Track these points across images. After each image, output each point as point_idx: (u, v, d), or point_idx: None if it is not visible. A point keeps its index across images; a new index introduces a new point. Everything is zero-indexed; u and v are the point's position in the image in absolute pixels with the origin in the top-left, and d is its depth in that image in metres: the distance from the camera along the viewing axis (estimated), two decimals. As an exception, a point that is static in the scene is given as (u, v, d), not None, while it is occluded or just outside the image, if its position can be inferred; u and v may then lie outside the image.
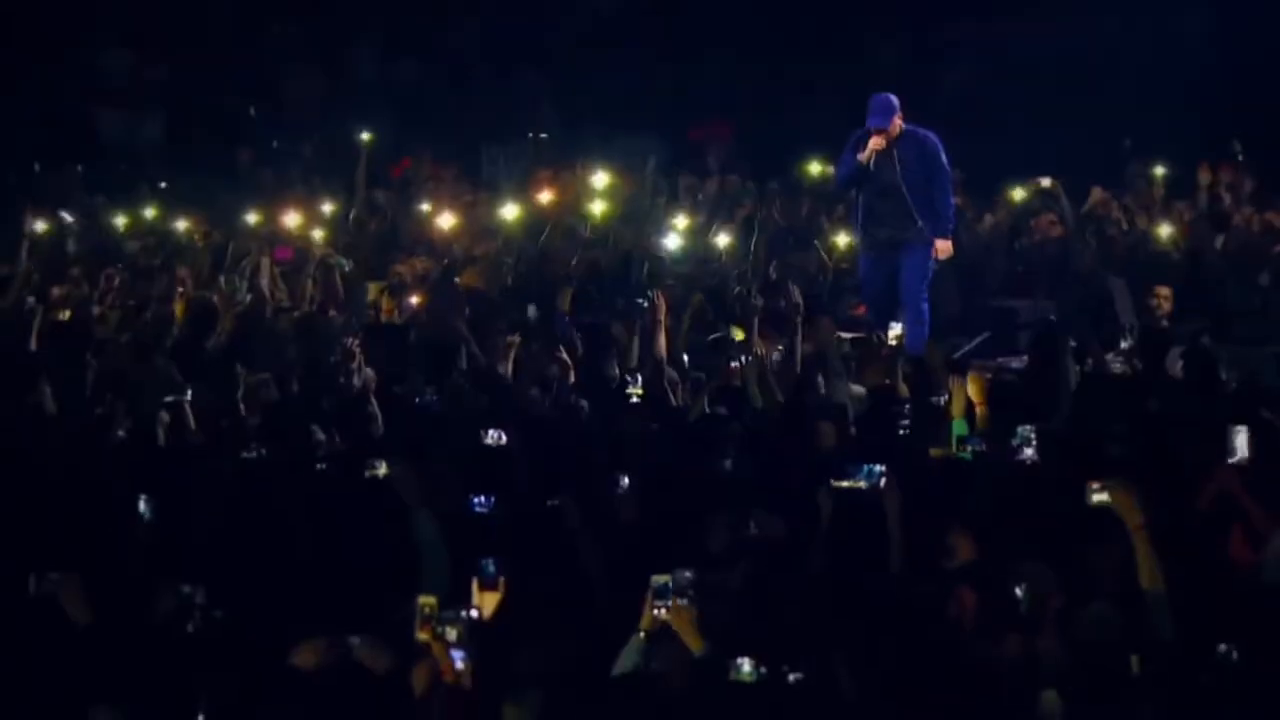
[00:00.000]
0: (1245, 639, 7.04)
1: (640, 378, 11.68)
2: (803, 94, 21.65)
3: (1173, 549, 7.55)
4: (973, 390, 10.75)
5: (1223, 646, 6.95)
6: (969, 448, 9.97)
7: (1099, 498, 7.49)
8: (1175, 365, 11.84)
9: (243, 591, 8.14)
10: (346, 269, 15.67)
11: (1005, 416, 10.24)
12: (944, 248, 13.90)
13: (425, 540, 8.77)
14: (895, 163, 13.77)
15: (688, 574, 7.40)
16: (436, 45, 23.94)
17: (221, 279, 15.15)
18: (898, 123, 13.82)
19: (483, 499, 9.06)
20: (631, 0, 23.24)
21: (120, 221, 18.58)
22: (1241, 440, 8.51)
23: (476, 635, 7.16)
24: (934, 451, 10.24)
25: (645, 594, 7.42)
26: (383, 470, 9.26)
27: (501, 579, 7.66)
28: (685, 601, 7.34)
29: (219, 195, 19.48)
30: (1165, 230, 16.32)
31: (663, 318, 12.94)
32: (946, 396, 10.85)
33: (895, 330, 12.53)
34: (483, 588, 7.61)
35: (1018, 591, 7.58)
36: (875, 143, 13.71)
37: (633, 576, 7.69)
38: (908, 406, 11.19)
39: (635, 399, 11.43)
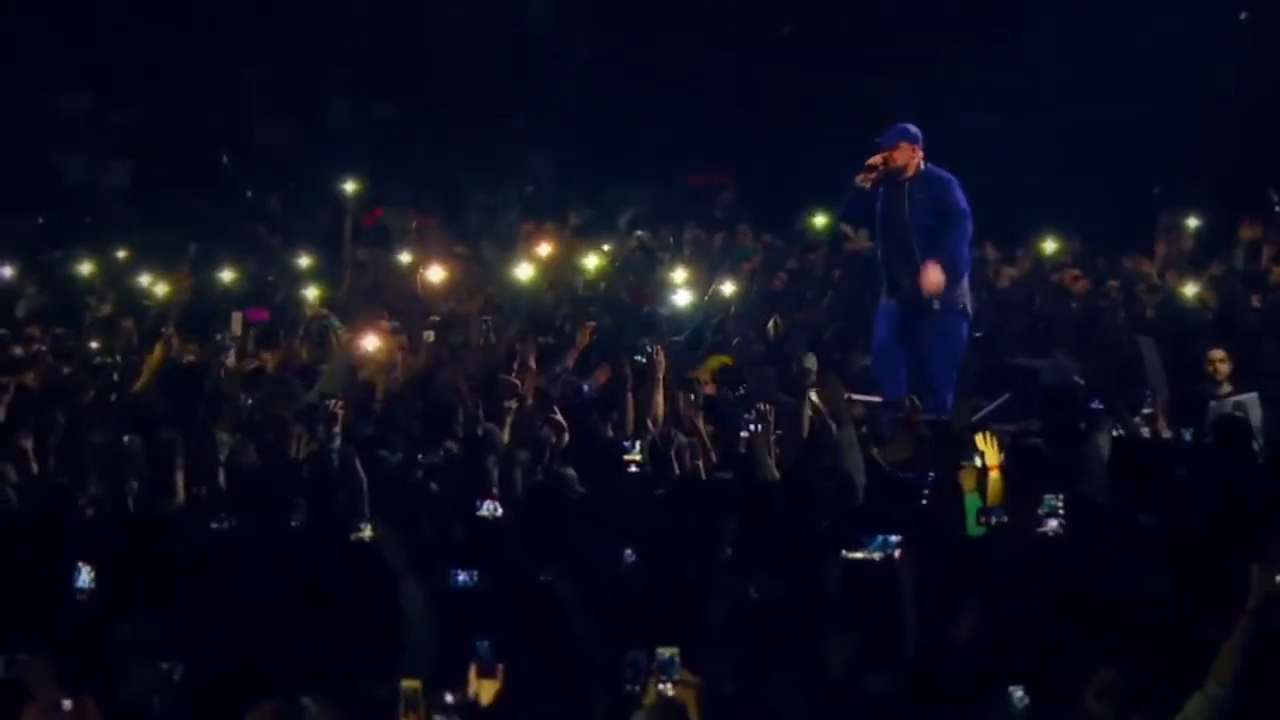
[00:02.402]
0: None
1: (638, 443, 11.69)
2: (806, 141, 21.79)
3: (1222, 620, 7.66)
4: (988, 454, 10.77)
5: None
6: (991, 519, 10.01)
7: None
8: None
9: (220, 665, 8.17)
10: (340, 329, 15.68)
11: (1028, 484, 10.27)
12: (932, 279, 13.48)
13: (412, 610, 8.76)
14: (906, 204, 13.73)
15: (673, 652, 7.47)
16: (418, 89, 24.06)
17: (218, 338, 15.16)
18: (912, 155, 13.71)
19: (465, 574, 9.04)
20: (626, 44, 23.37)
21: (85, 270, 18.61)
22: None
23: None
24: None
25: (644, 668, 7.49)
26: (368, 533, 9.25)
27: (500, 665, 7.64)
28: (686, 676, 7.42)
29: (189, 247, 19.53)
30: (1191, 289, 16.38)
31: (661, 375, 12.94)
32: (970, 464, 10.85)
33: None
34: (480, 674, 7.59)
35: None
36: (874, 160, 13.68)
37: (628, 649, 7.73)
38: (930, 475, 11.19)
39: (633, 466, 11.43)
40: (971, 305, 13.98)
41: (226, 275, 18.15)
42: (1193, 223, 18.13)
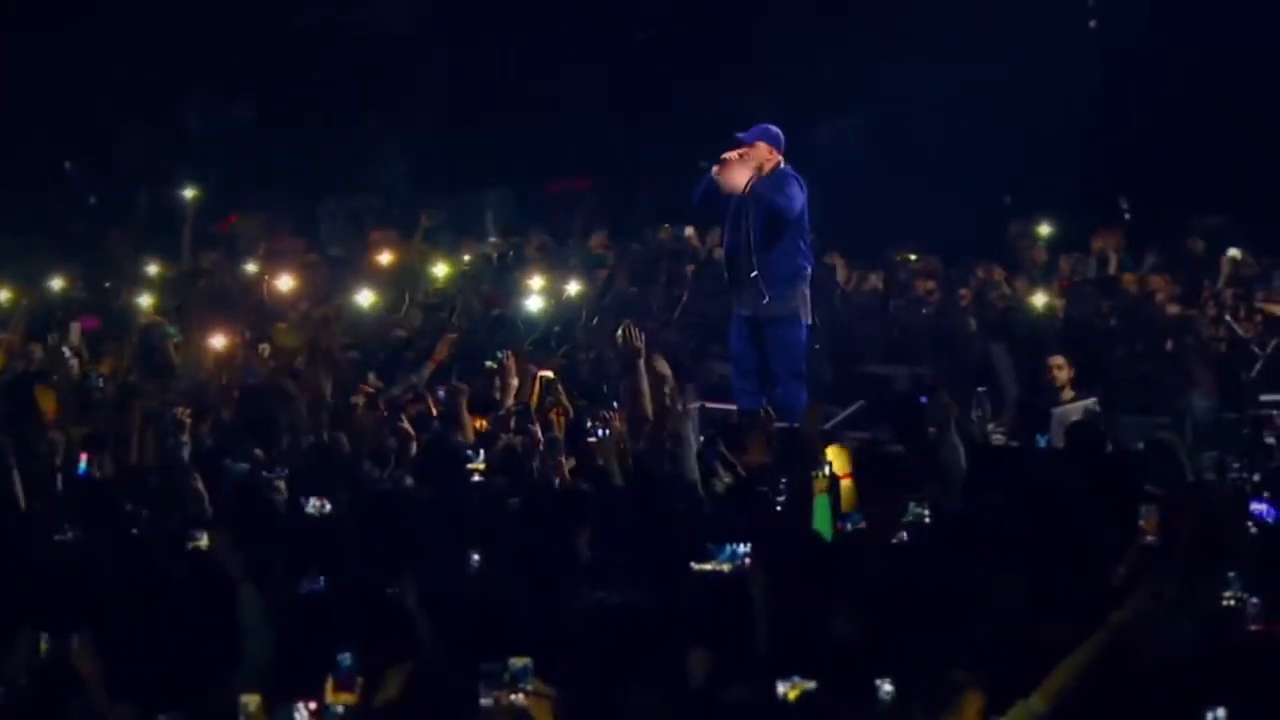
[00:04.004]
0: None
1: (482, 452, 11.58)
2: (667, 146, 21.70)
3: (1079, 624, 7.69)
4: (837, 463, 10.71)
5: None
6: (848, 526, 9.98)
7: None
8: (1059, 435, 11.98)
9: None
10: (175, 336, 15.46)
11: (886, 490, 10.27)
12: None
13: (250, 618, 8.65)
14: (752, 203, 13.57)
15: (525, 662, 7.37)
16: (272, 93, 23.79)
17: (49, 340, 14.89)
18: (769, 155, 13.51)
19: (312, 580, 8.98)
20: (484, 49, 23.24)
21: None
22: (1151, 518, 8.72)
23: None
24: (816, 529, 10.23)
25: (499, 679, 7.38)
26: (205, 542, 9.11)
27: (359, 679, 7.54)
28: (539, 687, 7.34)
29: (32, 253, 19.21)
30: (1040, 299, 16.43)
31: (514, 380, 12.82)
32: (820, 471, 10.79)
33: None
34: (338, 687, 7.49)
35: None
36: (730, 154, 13.56)
37: (480, 659, 7.67)
38: (783, 482, 11.12)
39: (477, 475, 11.33)
40: (810, 313, 13.78)
41: (58, 283, 17.85)
42: (1044, 230, 18.25)
